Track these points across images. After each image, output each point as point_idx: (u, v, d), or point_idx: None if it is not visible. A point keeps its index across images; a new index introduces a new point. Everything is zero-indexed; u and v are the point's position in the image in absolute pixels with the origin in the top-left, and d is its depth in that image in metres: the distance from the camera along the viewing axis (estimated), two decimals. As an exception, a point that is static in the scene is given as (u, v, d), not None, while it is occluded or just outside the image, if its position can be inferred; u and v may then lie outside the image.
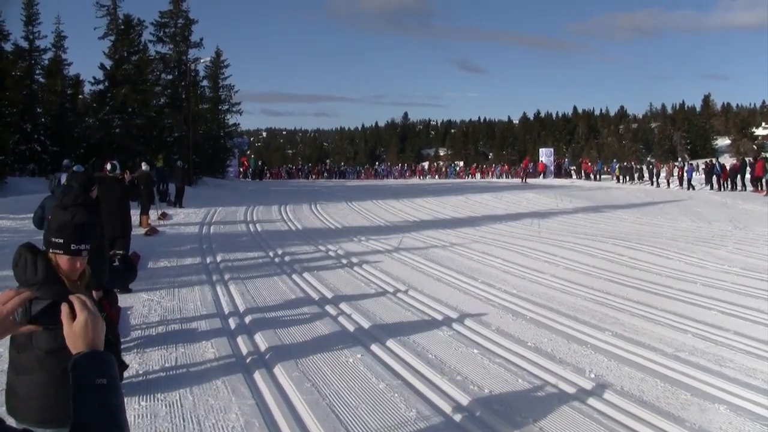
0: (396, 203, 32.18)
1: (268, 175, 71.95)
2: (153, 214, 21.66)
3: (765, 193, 33.76)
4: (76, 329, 1.91)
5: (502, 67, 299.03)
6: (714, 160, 46.46)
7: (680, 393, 6.63)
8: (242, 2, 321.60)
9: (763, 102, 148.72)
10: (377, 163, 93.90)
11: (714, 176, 41.51)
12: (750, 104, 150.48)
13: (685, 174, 44.59)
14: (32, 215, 10.18)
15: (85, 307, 1.93)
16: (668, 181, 46.80)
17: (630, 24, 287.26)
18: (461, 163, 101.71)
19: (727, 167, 41.38)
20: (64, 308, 1.92)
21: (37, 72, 42.25)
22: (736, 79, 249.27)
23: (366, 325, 9.31)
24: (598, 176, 58.64)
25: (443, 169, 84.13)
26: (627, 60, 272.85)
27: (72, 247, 3.63)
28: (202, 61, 47.58)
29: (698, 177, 45.17)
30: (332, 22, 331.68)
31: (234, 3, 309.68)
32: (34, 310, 1.94)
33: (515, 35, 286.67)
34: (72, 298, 1.95)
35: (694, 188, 42.02)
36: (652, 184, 49.12)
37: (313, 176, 74.56)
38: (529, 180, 58.37)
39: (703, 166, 46.11)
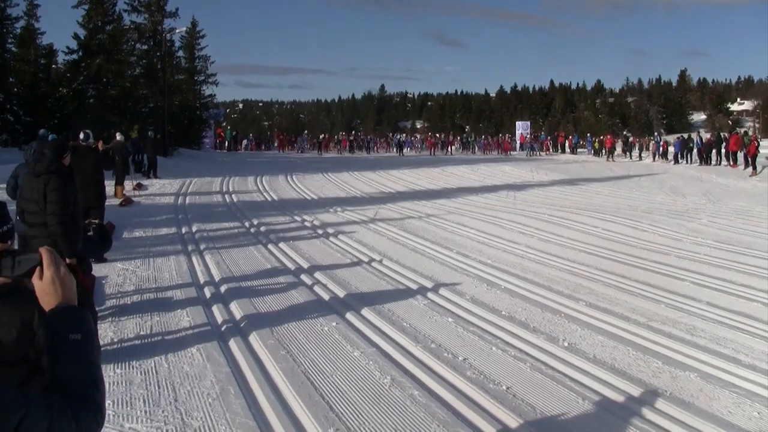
0: (372, 175, 32.14)
1: (270, 144, 68.57)
2: (128, 184, 21.53)
3: (744, 167, 33.86)
4: (46, 284, 1.90)
5: (478, 40, 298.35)
6: (697, 134, 46.59)
7: (652, 361, 6.71)
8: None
9: (739, 78, 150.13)
10: (398, 134, 78.00)
11: (695, 150, 41.67)
12: (726, 80, 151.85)
13: (671, 148, 44.83)
14: (5, 185, 10.10)
15: (53, 262, 1.91)
16: (654, 156, 46.96)
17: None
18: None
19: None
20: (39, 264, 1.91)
21: (9, 41, 41.46)
22: (712, 55, 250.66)
23: (341, 294, 9.33)
24: (575, 150, 58.40)
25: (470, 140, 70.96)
26: (604, 34, 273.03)
27: None
28: (177, 31, 47.07)
29: (670, 150, 45.58)
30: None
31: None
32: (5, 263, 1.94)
33: (490, 9, 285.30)
34: (41, 251, 1.93)
35: (679, 162, 42.22)
36: (630, 157, 49.39)
37: (324, 150, 62.54)
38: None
39: (675, 140, 46.30)
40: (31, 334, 2.27)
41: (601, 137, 57.71)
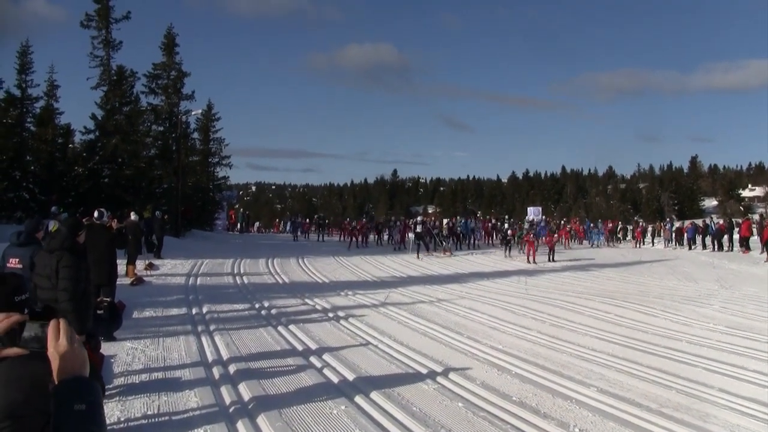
0: (384, 259, 32.15)
1: (295, 228, 51.58)
2: (140, 264, 21.60)
3: (762, 252, 33.57)
4: (57, 355, 1.92)
5: (487, 125, 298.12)
6: (710, 220, 46.62)
7: (664, 449, 6.62)
8: (227, 59, 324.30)
9: (750, 164, 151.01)
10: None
11: (709, 236, 41.49)
12: (736, 166, 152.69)
13: (685, 234, 44.78)
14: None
15: (55, 337, 1.94)
16: (667, 242, 46.93)
17: (610, 83, 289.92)
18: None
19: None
20: (50, 332, 1.93)
21: (29, 120, 42.06)
22: (721, 141, 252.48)
23: (350, 377, 9.27)
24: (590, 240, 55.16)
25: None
26: (613, 120, 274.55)
27: None
28: (193, 113, 47.85)
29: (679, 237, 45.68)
30: (313, 80, 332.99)
31: (220, 59, 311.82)
32: (24, 334, 1.96)
33: (497, 94, 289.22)
34: (53, 323, 1.96)
35: (692, 248, 42.19)
36: (643, 243, 49.16)
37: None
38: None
39: (688, 226, 46.28)
40: (44, 391, 2.12)
41: (610, 224, 57.28)
